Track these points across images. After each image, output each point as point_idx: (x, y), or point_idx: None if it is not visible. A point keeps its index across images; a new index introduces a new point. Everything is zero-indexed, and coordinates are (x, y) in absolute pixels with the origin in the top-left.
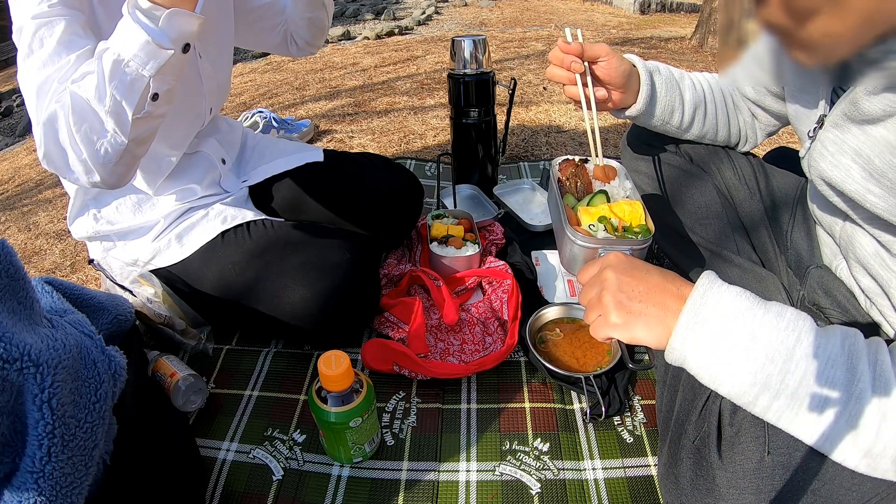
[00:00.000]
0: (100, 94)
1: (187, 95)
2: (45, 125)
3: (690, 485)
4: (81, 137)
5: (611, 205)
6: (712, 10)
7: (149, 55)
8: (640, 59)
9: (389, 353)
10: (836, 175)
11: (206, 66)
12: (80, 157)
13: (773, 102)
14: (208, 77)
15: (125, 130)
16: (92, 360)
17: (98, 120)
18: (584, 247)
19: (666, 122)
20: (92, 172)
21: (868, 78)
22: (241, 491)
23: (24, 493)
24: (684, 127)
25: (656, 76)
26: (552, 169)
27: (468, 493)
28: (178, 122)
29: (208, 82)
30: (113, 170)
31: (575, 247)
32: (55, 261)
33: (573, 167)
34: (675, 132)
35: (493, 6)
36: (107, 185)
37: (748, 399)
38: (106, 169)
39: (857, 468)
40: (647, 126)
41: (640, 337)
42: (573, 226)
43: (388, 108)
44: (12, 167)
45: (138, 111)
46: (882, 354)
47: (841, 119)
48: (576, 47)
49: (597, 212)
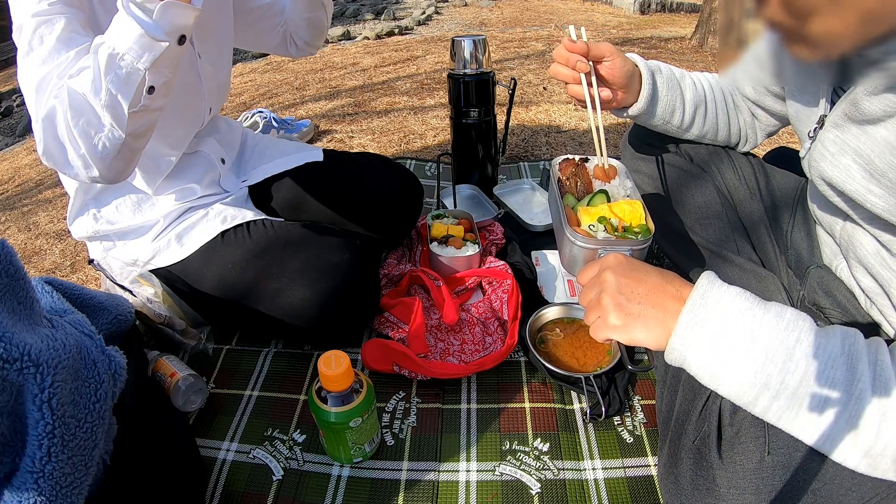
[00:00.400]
0: (95, 88)
1: (186, 95)
2: (44, 121)
3: (690, 485)
4: (79, 132)
5: (611, 205)
6: (712, 10)
7: (143, 48)
8: (641, 59)
9: (389, 353)
10: (836, 175)
11: (205, 66)
12: (78, 151)
13: (774, 102)
14: (208, 77)
15: (122, 124)
16: (92, 360)
17: (95, 114)
18: (584, 247)
19: (667, 122)
20: (91, 167)
21: (868, 78)
22: (241, 491)
23: (24, 493)
24: (685, 126)
25: (658, 76)
26: (552, 169)
27: (468, 493)
28: (177, 122)
29: (208, 82)
30: (112, 164)
31: (575, 247)
32: (55, 261)
33: (573, 167)
34: (675, 132)
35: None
36: (106, 180)
37: (748, 399)
38: (105, 163)
39: (857, 468)
40: (648, 125)
41: (640, 338)
42: (573, 226)
43: (388, 108)
44: (12, 167)
45: (134, 105)
46: (882, 354)
47: (841, 119)
48: (581, 46)
49: (597, 212)
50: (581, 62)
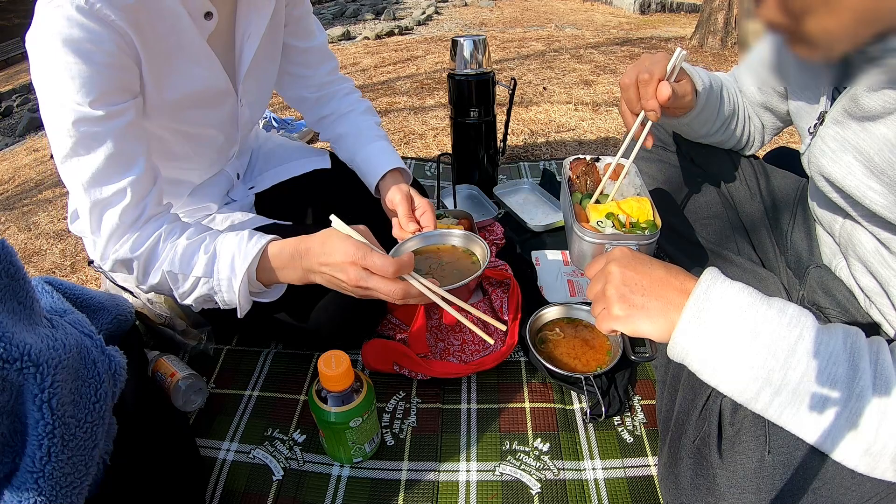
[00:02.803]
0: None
1: (221, 139)
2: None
3: (691, 484)
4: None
5: (619, 202)
6: (712, 10)
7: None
8: (697, 75)
9: (389, 353)
10: (836, 171)
11: (244, 111)
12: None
13: (780, 102)
14: (244, 123)
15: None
16: (92, 360)
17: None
18: (592, 242)
19: (695, 131)
20: (106, 261)
21: (868, 75)
22: (241, 491)
23: (24, 493)
24: (709, 135)
25: (710, 95)
26: (563, 167)
27: (468, 493)
28: (207, 161)
29: (244, 128)
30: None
31: (583, 243)
32: (55, 261)
33: (584, 166)
34: (695, 137)
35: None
36: None
37: (750, 395)
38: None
39: (856, 468)
40: (671, 128)
41: (643, 330)
42: (581, 222)
43: (388, 108)
44: (12, 167)
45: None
46: (883, 353)
47: (841, 115)
48: (667, 97)
49: (605, 208)
50: (655, 113)
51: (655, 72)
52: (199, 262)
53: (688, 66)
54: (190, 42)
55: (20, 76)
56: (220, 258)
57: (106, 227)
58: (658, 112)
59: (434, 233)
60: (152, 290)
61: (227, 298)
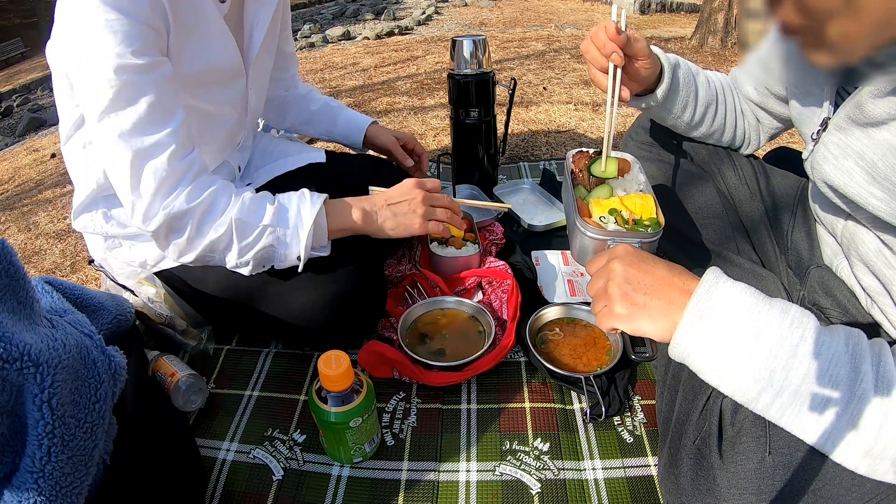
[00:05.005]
0: (241, 251)
1: (231, 125)
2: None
3: (691, 485)
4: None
5: (622, 198)
6: (712, 10)
7: (306, 253)
8: (662, 53)
9: (387, 361)
10: (838, 178)
11: (252, 98)
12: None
13: (777, 105)
14: (252, 109)
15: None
16: (92, 360)
17: (221, 256)
18: (594, 238)
19: (677, 117)
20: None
21: (873, 81)
22: (241, 491)
23: (24, 493)
24: (694, 123)
25: (678, 70)
26: (566, 160)
27: (468, 493)
28: (216, 147)
29: (252, 114)
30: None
31: (585, 238)
32: (55, 261)
33: (587, 159)
34: (684, 128)
35: (493, 6)
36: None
37: (751, 396)
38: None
39: (857, 469)
40: (657, 118)
41: (645, 329)
42: (584, 217)
43: (388, 108)
44: (12, 167)
45: None
46: (885, 356)
47: (845, 122)
48: (621, 39)
49: (608, 204)
50: (617, 54)
51: (602, 24)
52: (268, 212)
53: (655, 49)
54: (209, 18)
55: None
56: (290, 208)
57: (150, 180)
58: (620, 54)
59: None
60: (199, 253)
61: (290, 250)
